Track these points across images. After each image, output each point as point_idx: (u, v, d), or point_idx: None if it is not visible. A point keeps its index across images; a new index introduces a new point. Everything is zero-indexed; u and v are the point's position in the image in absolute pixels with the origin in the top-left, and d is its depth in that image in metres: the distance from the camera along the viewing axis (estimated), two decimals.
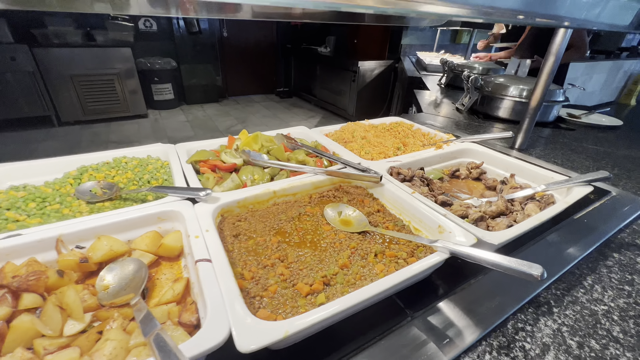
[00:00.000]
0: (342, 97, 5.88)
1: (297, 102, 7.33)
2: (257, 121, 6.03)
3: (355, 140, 1.25)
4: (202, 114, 6.28)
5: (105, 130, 5.23)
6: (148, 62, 5.71)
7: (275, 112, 6.59)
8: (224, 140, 1.21)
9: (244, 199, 0.84)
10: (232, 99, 7.33)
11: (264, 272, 0.65)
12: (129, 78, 5.38)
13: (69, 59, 4.81)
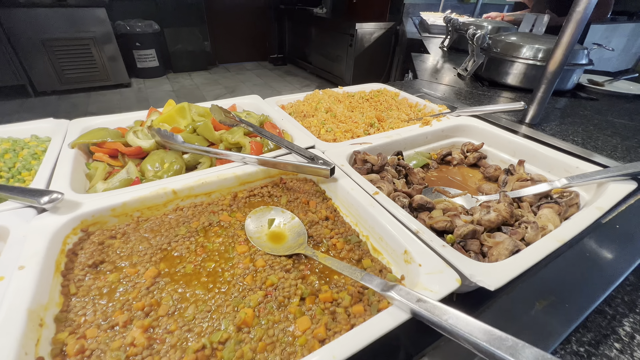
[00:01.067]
0: (338, 64, 5.41)
1: (292, 70, 6.83)
2: (248, 90, 5.62)
3: (317, 114, 0.95)
4: (189, 83, 5.88)
5: (84, 100, 4.90)
6: (127, 25, 5.23)
7: (267, 81, 6.15)
8: (143, 114, 0.92)
9: (122, 203, 0.56)
10: (223, 67, 6.85)
11: (105, 339, 0.39)
12: (106, 43, 4.93)
13: (37, 21, 4.36)
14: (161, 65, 5.94)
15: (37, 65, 4.72)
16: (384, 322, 0.38)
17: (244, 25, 6.82)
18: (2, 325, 0.35)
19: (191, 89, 5.74)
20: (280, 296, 0.46)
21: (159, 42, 5.75)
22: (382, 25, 5.03)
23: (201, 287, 0.47)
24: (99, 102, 5.01)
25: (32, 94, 4.92)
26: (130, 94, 5.36)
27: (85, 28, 4.85)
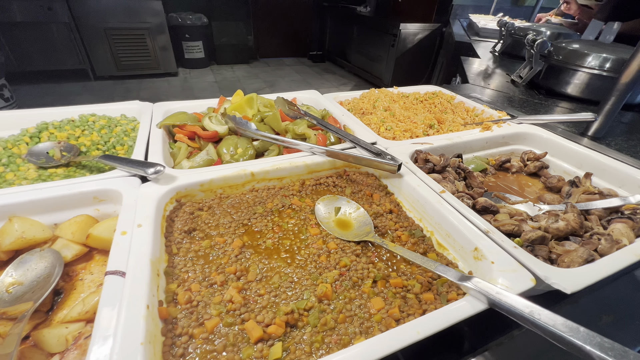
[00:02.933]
0: (378, 64, 5.36)
1: (330, 68, 6.87)
2: (286, 86, 5.74)
3: (376, 112, 0.98)
4: (231, 75, 6.10)
5: (136, 86, 5.24)
6: (179, 18, 5.53)
7: (305, 77, 6.23)
8: (214, 101, 1.00)
9: (209, 180, 0.63)
10: (263, 61, 7.03)
11: (208, 294, 0.45)
12: (160, 34, 5.25)
13: (102, 11, 4.74)
14: (206, 57, 6.21)
15: (98, 52, 5.11)
16: (462, 309, 0.40)
17: (286, 21, 6.95)
18: (136, 271, 0.42)
19: (232, 81, 5.94)
20: (355, 277, 0.50)
21: (206, 34, 6.02)
22: (427, 26, 4.92)
23: (281, 261, 0.52)
24: (149, 88, 5.33)
25: (92, 77, 5.34)
26: (176, 83, 5.65)
27: (142, 19, 5.17)
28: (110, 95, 4.93)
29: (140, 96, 4.91)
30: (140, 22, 5.18)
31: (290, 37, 7.20)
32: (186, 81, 5.78)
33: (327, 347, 0.40)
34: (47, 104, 0.88)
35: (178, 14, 5.68)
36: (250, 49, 6.77)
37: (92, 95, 4.90)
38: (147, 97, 4.98)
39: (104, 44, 5.08)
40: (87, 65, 5.15)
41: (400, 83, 1.27)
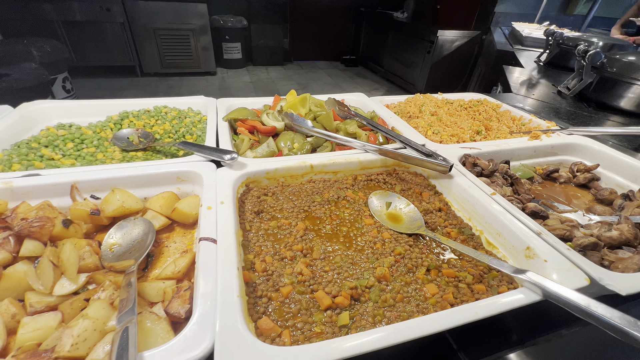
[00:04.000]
0: (412, 70, 5.33)
1: (362, 72, 6.90)
2: (318, 88, 5.84)
3: (423, 116, 1.01)
4: (265, 76, 6.29)
5: (178, 83, 5.56)
6: (221, 20, 5.81)
7: (338, 81, 6.30)
8: (269, 99, 1.08)
9: (274, 169, 0.70)
10: (297, 63, 7.19)
11: (280, 266, 0.52)
12: (203, 34, 5.54)
13: (152, 12, 5.09)
14: (243, 58, 6.45)
15: (146, 50, 5.46)
16: (517, 298, 0.44)
17: (321, 25, 7.07)
18: (225, 239, 0.49)
19: (267, 82, 6.12)
20: (409, 264, 0.54)
21: (244, 36, 6.26)
22: (466, 33, 4.82)
23: (341, 245, 0.58)
24: (189, 86, 5.62)
25: (139, 74, 5.71)
26: (214, 82, 5.91)
27: (188, 20, 5.48)
28: (154, 91, 5.25)
29: (182, 93, 5.20)
30: (186, 24, 5.49)
31: (324, 41, 7.31)
32: (224, 80, 6.03)
33: (389, 321, 0.45)
34: (100, 97, 0.99)
35: (220, 16, 5.95)
36: (285, 52, 6.95)
37: (138, 90, 5.25)
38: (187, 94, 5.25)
39: (152, 43, 5.43)
40: (135, 62, 5.51)
41: (434, 90, 1.29)
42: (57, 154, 0.77)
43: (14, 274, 0.48)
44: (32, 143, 0.78)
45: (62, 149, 0.80)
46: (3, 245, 0.51)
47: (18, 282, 0.48)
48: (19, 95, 2.64)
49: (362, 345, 0.36)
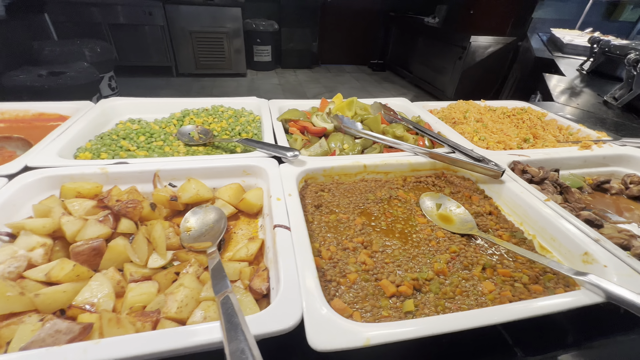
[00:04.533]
0: (442, 76, 5.26)
1: (390, 77, 6.88)
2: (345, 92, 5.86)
3: (468, 122, 1.03)
4: (293, 79, 6.42)
5: (210, 84, 5.79)
6: (253, 23, 6.00)
7: (364, 85, 6.33)
8: (316, 102, 1.13)
9: (330, 167, 0.75)
10: (324, 67, 7.28)
11: (344, 255, 0.56)
12: (236, 37, 5.74)
13: (190, 16, 5.34)
14: (272, 61, 6.61)
15: (182, 52, 5.72)
16: (578, 298, 0.46)
17: (350, 29, 7.11)
18: (297, 227, 0.55)
19: (294, 85, 6.24)
20: (465, 261, 0.57)
21: (275, 39, 6.42)
22: (500, 39, 4.71)
23: (397, 240, 0.62)
24: (220, 87, 5.83)
25: (175, 74, 5.99)
26: (244, 83, 6.09)
27: (222, 24, 5.70)
28: (188, 91, 5.49)
29: (214, 93, 5.42)
30: (221, 27, 5.71)
31: (352, 45, 7.35)
32: (253, 82, 6.21)
33: (450, 311, 0.48)
34: (139, 95, 1.08)
35: (253, 20, 6.14)
36: (314, 55, 7.05)
37: (173, 89, 5.50)
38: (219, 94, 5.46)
39: (188, 45, 5.68)
40: (172, 63, 5.79)
41: (464, 96, 1.29)
42: (132, 145, 0.86)
43: (116, 247, 0.55)
44: (112, 135, 0.87)
45: (137, 142, 0.89)
46: (104, 221, 0.59)
47: (119, 254, 0.55)
48: (73, 91, 2.87)
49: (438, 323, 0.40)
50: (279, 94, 5.62)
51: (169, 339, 0.37)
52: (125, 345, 0.36)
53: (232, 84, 6.01)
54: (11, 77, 2.70)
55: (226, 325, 0.36)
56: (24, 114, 0.95)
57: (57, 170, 0.65)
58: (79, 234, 0.56)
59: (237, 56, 6.05)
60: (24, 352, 0.35)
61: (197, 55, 5.83)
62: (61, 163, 0.69)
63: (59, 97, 0.99)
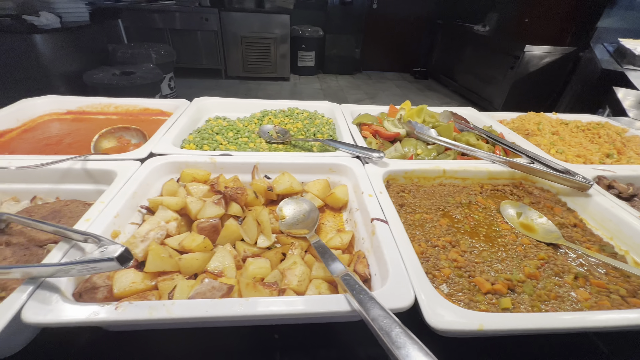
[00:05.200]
0: (490, 86, 5.07)
1: (432, 85, 6.75)
2: (386, 99, 5.87)
3: (543, 134, 1.02)
4: (335, 84, 6.52)
5: (255, 87, 6.06)
6: (300, 30, 6.20)
7: (406, 92, 6.27)
8: (384, 108, 1.18)
9: (411, 170, 0.79)
10: (365, 73, 7.32)
11: (434, 252, 0.60)
12: (283, 43, 5.98)
13: (242, 22, 5.66)
14: (315, 66, 6.77)
15: (232, 56, 6.04)
16: None
17: (394, 36, 7.09)
18: (394, 221, 0.59)
19: (335, 90, 6.33)
20: (555, 269, 0.58)
21: (319, 45, 6.58)
22: (558, 49, 4.47)
23: (483, 243, 0.64)
24: (264, 90, 6.07)
25: (223, 76, 6.33)
26: (287, 87, 6.29)
27: (271, 30, 5.95)
28: (235, 93, 5.78)
29: (259, 96, 5.66)
30: (269, 33, 5.97)
31: (395, 52, 7.31)
32: (296, 86, 6.39)
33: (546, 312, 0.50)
34: (191, 95, 1.17)
35: (299, 26, 6.35)
36: (356, 61, 7.11)
37: (221, 91, 5.82)
38: (263, 97, 5.69)
39: (237, 49, 5.99)
40: (222, 66, 6.13)
41: (513, 108, 1.25)
42: (224, 140, 0.97)
43: (231, 226, 0.63)
44: (208, 130, 0.98)
45: (227, 137, 0.99)
46: (219, 204, 0.68)
47: (232, 232, 0.63)
48: (141, 90, 3.16)
49: (548, 319, 0.42)
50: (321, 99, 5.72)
51: (314, 304, 0.43)
52: (277, 304, 0.43)
53: (276, 87, 6.24)
54: (91, 76, 3.04)
55: (358, 298, 0.41)
56: (133, 109, 1.10)
57: (176, 157, 0.76)
58: (200, 213, 0.65)
59: (282, 61, 6.27)
60: (202, 300, 0.43)
61: (245, 59, 6.12)
62: (175, 151, 0.80)
63: (128, 94, 1.14)
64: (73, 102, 1.07)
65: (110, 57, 3.61)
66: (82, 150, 0.89)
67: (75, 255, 0.49)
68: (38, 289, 0.43)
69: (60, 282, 0.44)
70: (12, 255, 0.54)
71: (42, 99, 1.04)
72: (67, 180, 0.72)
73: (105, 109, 1.09)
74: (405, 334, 0.35)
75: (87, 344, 0.50)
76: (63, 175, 0.71)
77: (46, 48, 2.81)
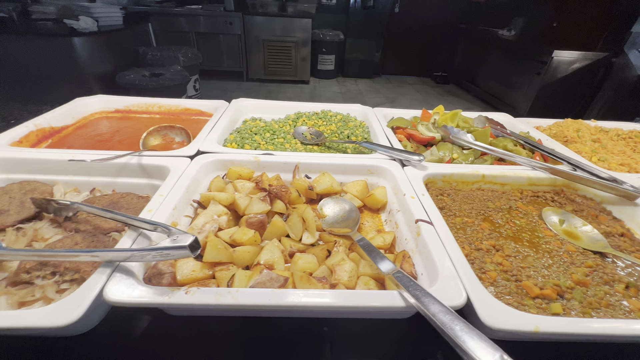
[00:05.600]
0: (514, 92, 4.95)
1: (453, 90, 6.65)
2: (406, 103, 5.83)
3: (583, 142, 1.00)
4: (354, 88, 6.53)
5: (276, 89, 6.15)
6: (321, 34, 6.27)
7: (426, 97, 6.20)
8: (416, 112, 1.19)
9: (450, 174, 0.80)
10: (385, 77, 7.30)
11: (479, 255, 0.61)
12: (304, 47, 6.05)
13: (265, 26, 5.77)
14: (335, 69, 6.81)
15: (254, 58, 6.16)
16: None
17: (415, 40, 7.04)
18: (438, 222, 0.61)
19: (355, 94, 6.34)
20: (605, 277, 0.57)
21: (339, 49, 6.62)
22: (588, 55, 4.32)
23: (527, 248, 0.64)
24: (284, 92, 6.15)
25: (245, 78, 6.46)
26: (306, 90, 6.35)
27: (293, 34, 6.03)
28: (256, 94, 5.89)
29: (279, 98, 5.74)
30: (291, 36, 6.05)
31: (416, 57, 7.26)
32: (315, 89, 6.45)
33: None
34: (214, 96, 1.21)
35: (320, 30, 6.41)
36: (376, 65, 7.11)
37: (242, 93, 5.94)
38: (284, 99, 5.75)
39: (259, 52, 6.11)
40: (243, 68, 6.26)
41: (539, 114, 1.21)
42: (262, 140, 1.00)
43: (277, 222, 0.66)
44: (247, 130, 1.02)
45: (264, 137, 1.02)
46: (264, 200, 0.71)
47: (277, 228, 0.66)
48: (168, 91, 3.28)
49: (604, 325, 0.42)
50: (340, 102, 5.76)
51: (371, 298, 0.45)
52: (337, 297, 0.45)
53: (296, 90, 6.31)
54: (123, 76, 3.19)
55: (414, 294, 0.43)
56: (175, 108, 1.16)
57: (223, 155, 0.80)
58: (247, 208, 0.68)
59: (302, 64, 6.34)
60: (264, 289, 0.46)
61: (266, 62, 6.23)
62: (220, 149, 0.84)
63: (157, 95, 1.19)
64: (120, 102, 1.14)
65: (140, 59, 3.77)
66: (131, 146, 0.95)
67: (142, 242, 0.53)
68: (115, 272, 0.46)
69: (133, 266, 0.48)
70: (83, 240, 0.59)
71: (93, 98, 1.11)
72: (122, 174, 0.77)
73: (150, 108, 1.15)
74: (469, 327, 0.36)
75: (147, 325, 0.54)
76: (120, 169, 0.76)
77: (84, 50, 2.97)
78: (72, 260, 0.50)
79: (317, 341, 0.51)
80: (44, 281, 0.53)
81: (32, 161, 0.74)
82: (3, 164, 0.74)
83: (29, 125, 0.88)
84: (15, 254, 0.50)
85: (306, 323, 0.55)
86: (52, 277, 0.54)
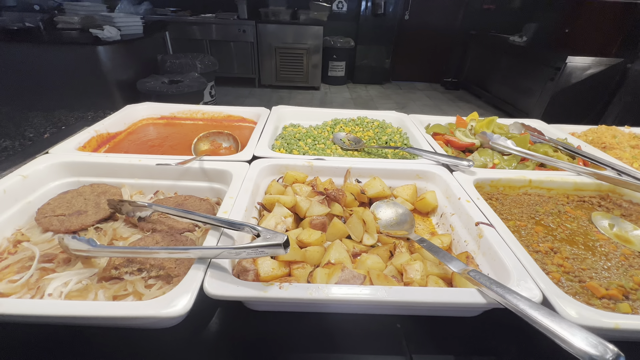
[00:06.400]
0: (527, 98, 4.95)
1: (464, 96, 6.67)
2: (417, 109, 5.86)
3: (622, 148, 1.02)
4: (365, 94, 6.59)
5: (287, 96, 6.24)
6: (332, 41, 6.35)
7: (437, 103, 6.23)
8: (450, 119, 1.22)
9: (498, 179, 0.83)
10: (395, 83, 7.35)
11: (539, 257, 0.63)
12: (315, 53, 6.14)
13: (277, 33, 5.88)
14: (345, 76, 6.88)
15: (266, 65, 6.26)
16: None
17: (425, 46, 7.09)
18: (498, 224, 0.63)
19: (365, 100, 6.39)
20: None
21: (349, 56, 6.69)
22: (603, 60, 4.32)
23: (584, 251, 0.66)
24: (296, 98, 6.22)
25: (257, 85, 6.56)
26: (317, 96, 6.42)
27: (304, 41, 6.12)
28: (267, 101, 5.98)
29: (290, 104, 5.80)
30: (302, 44, 6.14)
31: (426, 63, 7.30)
32: (326, 95, 6.51)
33: None
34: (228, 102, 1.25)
35: (331, 37, 6.50)
36: (386, 71, 7.16)
37: (255, 99, 6.03)
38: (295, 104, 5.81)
39: (271, 59, 6.20)
40: (256, 75, 6.36)
41: (552, 120, 1.23)
42: (305, 146, 1.04)
43: (338, 224, 0.69)
44: (291, 136, 1.06)
45: (306, 143, 1.06)
46: (323, 203, 0.74)
47: (338, 230, 0.69)
48: (186, 97, 3.37)
49: None
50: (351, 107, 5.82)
51: (454, 295, 0.48)
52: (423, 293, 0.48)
53: (307, 96, 6.38)
54: (143, 83, 3.28)
55: (496, 291, 0.45)
56: (218, 115, 1.21)
57: (279, 160, 0.84)
58: (309, 211, 0.71)
59: (313, 71, 6.42)
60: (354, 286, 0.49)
61: (278, 68, 6.32)
62: (272, 154, 0.87)
63: (176, 101, 1.24)
64: (166, 109, 1.19)
65: (159, 66, 3.87)
66: (183, 151, 0.99)
67: (225, 241, 0.57)
68: (209, 268, 0.50)
69: (225, 263, 0.51)
70: (162, 239, 0.63)
71: (141, 105, 1.16)
72: (185, 177, 0.81)
73: (194, 115, 1.20)
74: (563, 319, 0.38)
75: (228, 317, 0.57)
76: (182, 173, 0.80)
77: (107, 58, 3.06)
78: (170, 257, 0.53)
79: (394, 337, 0.54)
80: (132, 277, 0.57)
81: (102, 165, 0.79)
82: (75, 167, 0.79)
83: (91, 131, 0.93)
84: (117, 251, 0.54)
85: (379, 320, 0.57)
86: (139, 273, 0.57)
